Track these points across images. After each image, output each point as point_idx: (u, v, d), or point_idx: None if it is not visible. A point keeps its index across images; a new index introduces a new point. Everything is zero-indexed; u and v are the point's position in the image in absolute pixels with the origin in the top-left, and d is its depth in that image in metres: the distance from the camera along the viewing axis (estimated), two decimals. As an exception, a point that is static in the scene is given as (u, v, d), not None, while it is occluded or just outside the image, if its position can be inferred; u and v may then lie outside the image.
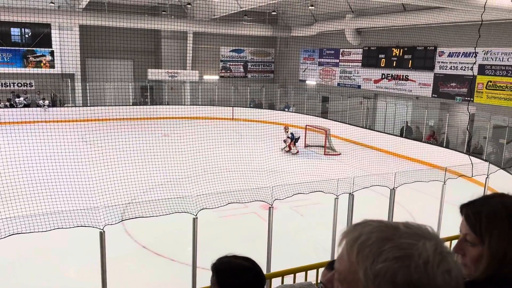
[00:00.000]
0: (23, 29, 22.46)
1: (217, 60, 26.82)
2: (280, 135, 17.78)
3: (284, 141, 17.48)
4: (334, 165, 14.40)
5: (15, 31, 22.43)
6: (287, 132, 17.43)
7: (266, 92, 26.41)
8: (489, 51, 15.65)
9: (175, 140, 13.23)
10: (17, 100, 22.18)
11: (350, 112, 21.09)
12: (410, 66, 19.14)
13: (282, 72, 27.75)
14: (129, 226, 8.76)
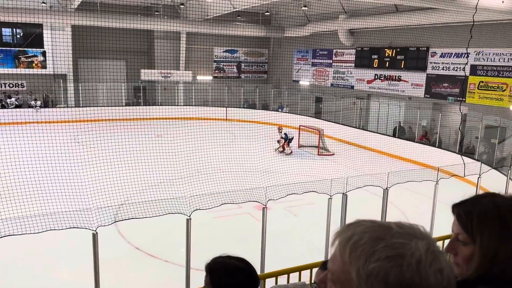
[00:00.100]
0: (14, 29, 22.28)
1: (210, 60, 26.79)
2: (273, 135, 17.80)
3: (278, 141, 17.50)
4: (328, 165, 14.44)
5: (6, 31, 22.24)
6: (281, 132, 17.44)
7: (260, 92, 26.42)
8: (480, 52, 15.78)
9: (168, 141, 13.19)
10: (8, 100, 22.00)
11: (344, 112, 21.16)
12: (402, 67, 19.24)
13: (275, 72, 27.77)
14: (122, 228, 8.72)
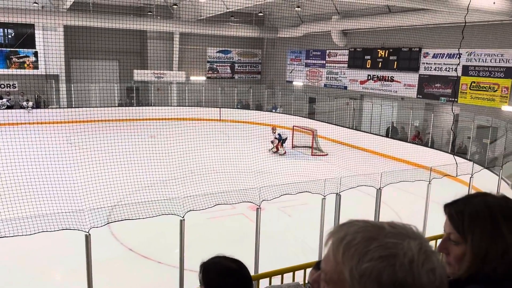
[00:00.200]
0: (5, 29, 22.08)
1: (204, 61, 26.74)
2: (267, 136, 17.81)
3: (272, 142, 17.51)
4: (321, 165, 14.47)
5: (-3, 32, 22.06)
6: (275, 133, 17.46)
7: (253, 93, 26.43)
8: (472, 53, 15.90)
9: (161, 142, 13.15)
10: (0, 101, 21.81)
11: (337, 113, 21.22)
12: (395, 67, 19.33)
13: (269, 73, 27.79)
14: (115, 229, 8.67)
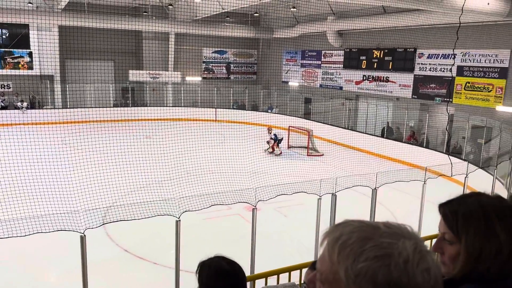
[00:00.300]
0: (0, 30, 21.96)
1: (199, 61, 26.72)
2: (263, 136, 17.81)
3: (268, 142, 17.51)
4: (317, 166, 14.49)
5: (-9, 32, 21.94)
6: (270, 133, 17.47)
7: (249, 93, 26.42)
8: (467, 53, 15.98)
9: (157, 142, 13.13)
10: (-6, 102, 21.70)
11: (332, 113, 21.27)
12: (390, 68, 19.40)
13: (265, 73, 27.80)
14: (110, 230, 8.64)
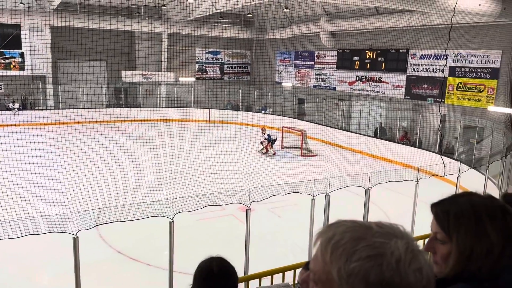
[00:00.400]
0: (-9, 30, 21.78)
1: (193, 62, 26.66)
2: (257, 137, 17.82)
3: (261, 142, 17.52)
4: (311, 166, 14.52)
5: (-18, 32, 21.73)
6: (264, 133, 17.48)
7: (243, 94, 26.41)
8: (459, 54, 16.10)
9: (150, 143, 13.09)
10: (-15, 103, 21.51)
11: (326, 113, 21.33)
12: (383, 68, 19.49)
13: (258, 74, 27.81)
14: (103, 231, 8.59)
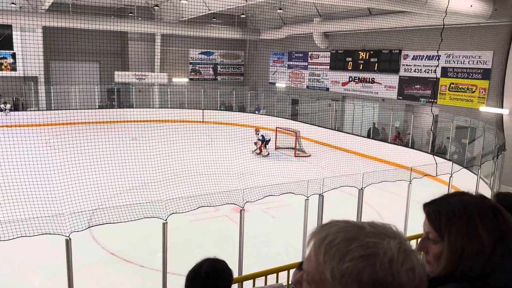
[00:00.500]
0: (-18, 30, 21.56)
1: (186, 62, 26.60)
2: (250, 137, 17.81)
3: (255, 143, 17.53)
4: (304, 166, 14.54)
5: (-27, 32, 21.51)
6: (258, 134, 17.48)
7: (236, 94, 26.40)
8: (451, 54, 16.22)
9: (143, 144, 13.03)
10: (-24, 104, 21.29)
11: (319, 114, 21.38)
12: (376, 69, 19.58)
13: (252, 74, 27.81)
14: (96, 233, 8.54)
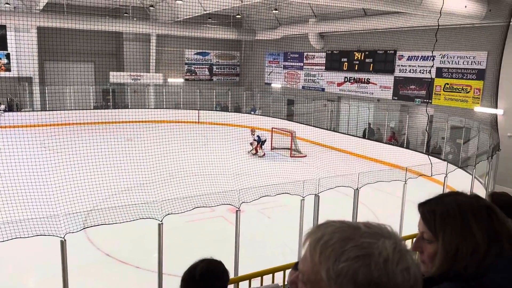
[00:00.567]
0: (-24, 30, 21.43)
1: (181, 63, 26.56)
2: (246, 138, 17.80)
3: (251, 143, 17.52)
4: (300, 167, 14.56)
5: (-33, 33, 21.37)
6: (254, 134, 17.48)
7: (232, 95, 26.39)
8: (446, 55, 16.29)
9: (139, 145, 13.00)
10: (-30, 104, 21.16)
11: (315, 114, 21.41)
12: (371, 70, 19.64)
13: (247, 75, 27.81)
14: (91, 234, 8.51)
